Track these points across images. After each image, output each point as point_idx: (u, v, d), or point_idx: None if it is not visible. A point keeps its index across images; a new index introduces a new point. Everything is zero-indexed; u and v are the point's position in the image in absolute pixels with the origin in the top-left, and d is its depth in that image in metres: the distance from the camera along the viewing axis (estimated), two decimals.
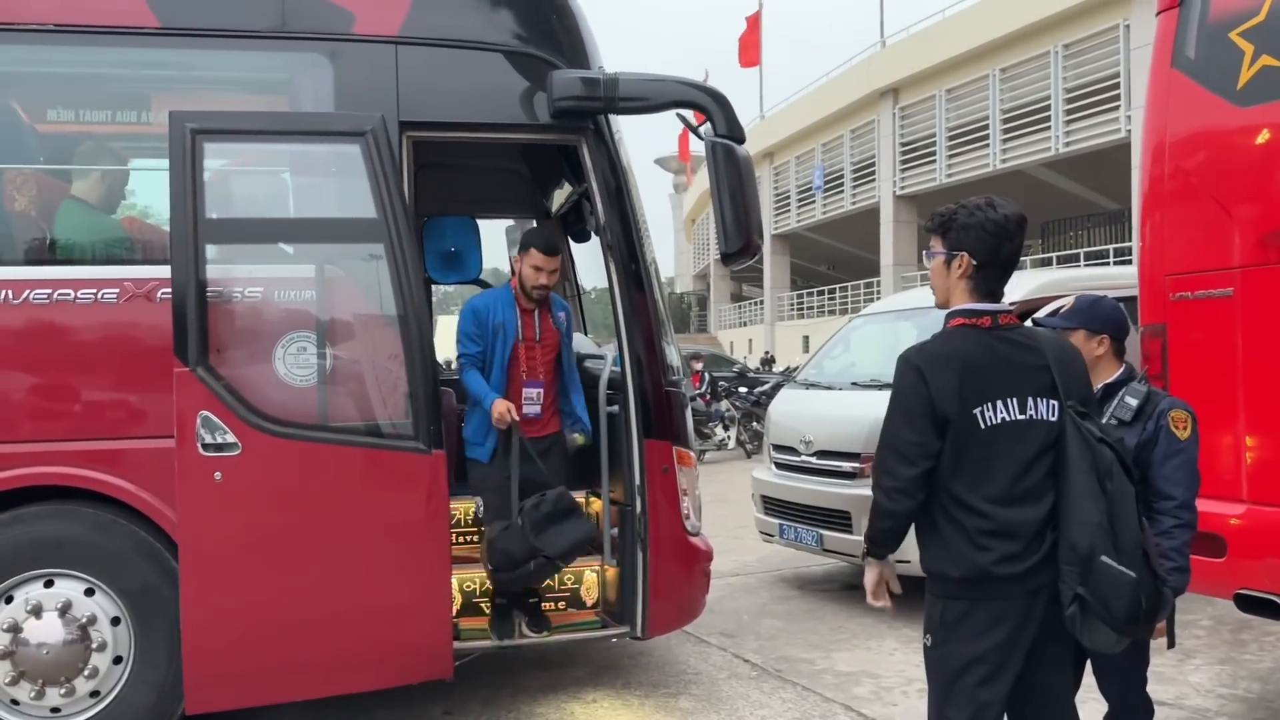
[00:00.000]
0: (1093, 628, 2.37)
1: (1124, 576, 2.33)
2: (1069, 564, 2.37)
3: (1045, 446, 2.44)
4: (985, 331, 2.47)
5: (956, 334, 2.49)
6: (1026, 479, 2.42)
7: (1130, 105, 20.29)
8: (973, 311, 2.49)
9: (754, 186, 4.22)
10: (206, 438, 3.69)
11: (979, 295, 2.50)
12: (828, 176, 33.82)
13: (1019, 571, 2.40)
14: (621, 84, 4.21)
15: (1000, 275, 2.51)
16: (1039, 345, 2.50)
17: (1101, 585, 2.33)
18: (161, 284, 3.80)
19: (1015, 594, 2.41)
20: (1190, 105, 4.05)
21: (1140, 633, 2.46)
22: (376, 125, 3.85)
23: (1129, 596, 2.33)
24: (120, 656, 3.88)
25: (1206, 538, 3.91)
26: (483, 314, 4.51)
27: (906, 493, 2.44)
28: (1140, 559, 2.37)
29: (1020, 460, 2.42)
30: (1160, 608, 2.43)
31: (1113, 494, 2.38)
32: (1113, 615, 2.34)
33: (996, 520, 2.40)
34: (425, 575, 3.94)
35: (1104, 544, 2.34)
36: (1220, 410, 3.91)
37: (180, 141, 3.71)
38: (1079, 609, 2.36)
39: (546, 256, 4.49)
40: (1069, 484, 2.40)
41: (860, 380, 6.80)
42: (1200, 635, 5.47)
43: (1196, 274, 3.99)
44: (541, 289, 4.53)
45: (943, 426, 2.41)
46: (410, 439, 3.90)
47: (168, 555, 3.83)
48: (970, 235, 2.47)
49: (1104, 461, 2.40)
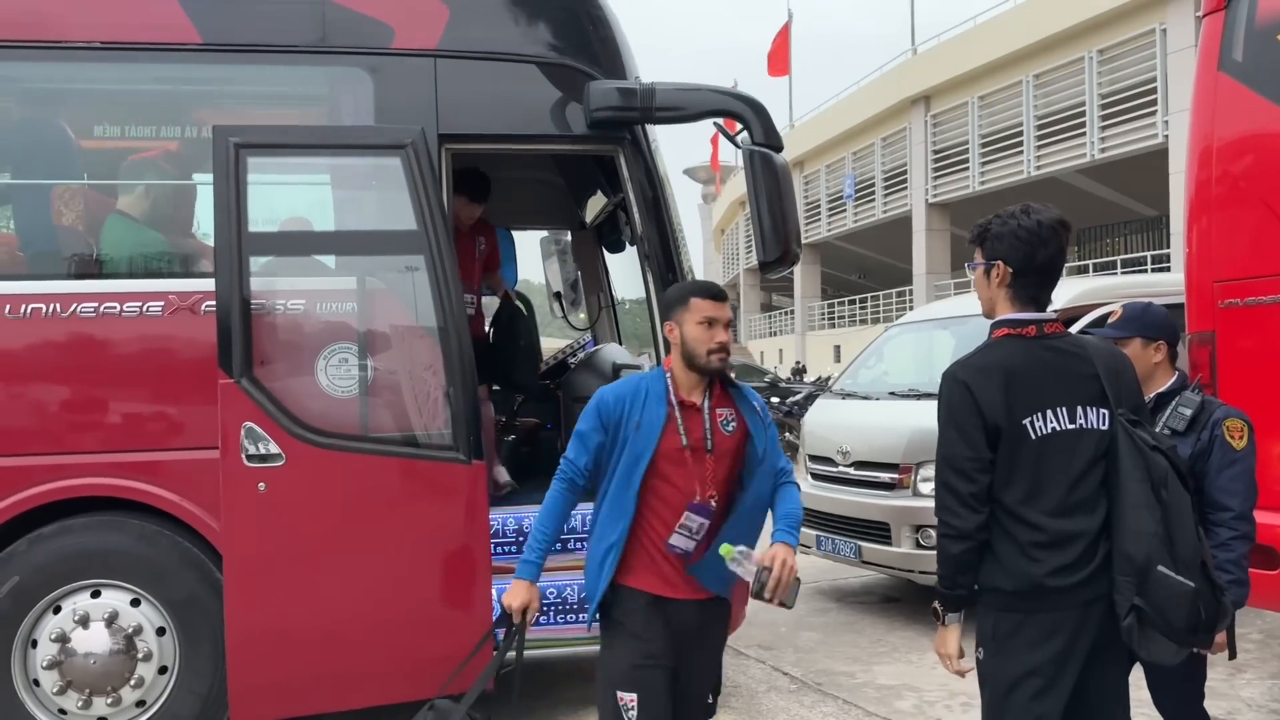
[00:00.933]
0: (1150, 639, 2.33)
1: (1182, 587, 2.29)
2: (1124, 575, 2.33)
3: (1097, 456, 2.40)
4: (1031, 340, 2.44)
5: (1001, 344, 2.47)
6: (1079, 489, 2.39)
7: (1167, 110, 20.05)
8: (1017, 321, 2.47)
9: (792, 194, 4.20)
10: (250, 449, 3.72)
11: (1021, 303, 2.48)
12: (859, 185, 33.67)
13: (1072, 583, 2.36)
14: (659, 94, 4.21)
15: (1041, 281, 2.47)
16: (1087, 353, 2.47)
17: (1159, 596, 2.29)
18: (205, 297, 3.84)
19: (1069, 606, 2.37)
20: (1238, 109, 3.99)
21: (1200, 643, 2.40)
22: (417, 138, 3.88)
23: (1188, 607, 2.29)
24: (165, 667, 3.91)
25: (1260, 549, 3.82)
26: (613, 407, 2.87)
27: (971, 508, 2.38)
28: (1199, 569, 2.33)
29: (1072, 470, 2.38)
30: (1220, 618, 2.38)
31: (1168, 502, 2.35)
32: (1171, 626, 2.30)
33: (1049, 531, 2.36)
34: (465, 585, 3.94)
35: (1161, 554, 2.31)
36: (1272, 419, 3.84)
37: (224, 155, 3.76)
38: (1136, 620, 2.32)
39: (716, 302, 2.87)
40: (1122, 493, 2.36)
41: (898, 390, 6.74)
42: (1251, 649, 5.36)
43: (1246, 280, 3.93)
44: (720, 350, 2.85)
45: (994, 438, 2.38)
46: (450, 449, 3.91)
47: (212, 566, 3.87)
48: (1004, 243, 2.46)
49: (1158, 470, 2.36)
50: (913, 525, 5.73)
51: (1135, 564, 2.31)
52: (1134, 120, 21.63)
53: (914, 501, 5.79)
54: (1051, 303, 2.53)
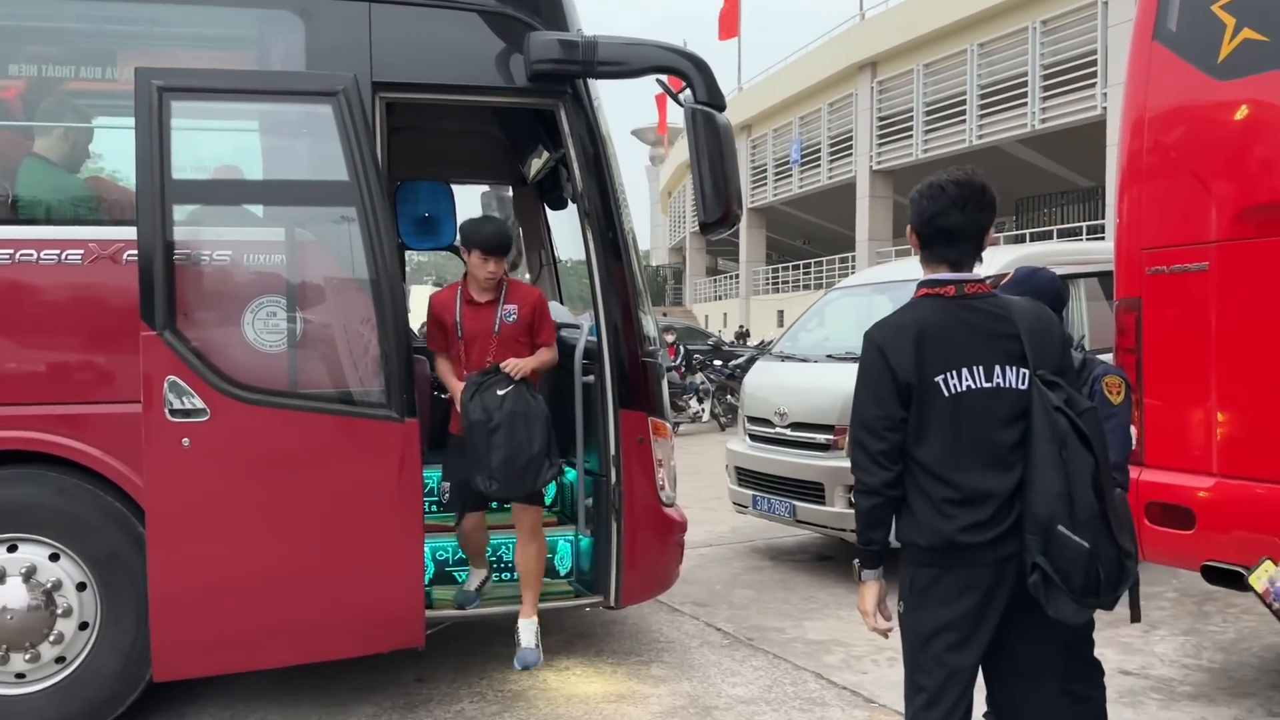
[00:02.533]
0: (1055, 597, 2.37)
1: (1079, 547, 2.33)
2: (1032, 534, 2.37)
3: (1014, 415, 2.42)
4: (950, 300, 2.46)
5: (920, 304, 2.50)
6: (993, 448, 2.41)
7: (1106, 83, 20.33)
8: (935, 282, 2.50)
9: (734, 155, 4.18)
10: (174, 403, 3.63)
11: (934, 265, 2.52)
12: (805, 150, 33.72)
13: (985, 540, 2.39)
14: (600, 47, 4.14)
15: (946, 241, 2.48)
16: (1010, 314, 2.48)
17: (1059, 556, 2.33)
18: (127, 246, 3.72)
19: (983, 562, 2.41)
20: (1171, 79, 4.04)
21: (1101, 605, 2.43)
22: (349, 85, 3.77)
23: (1085, 568, 2.33)
24: (86, 623, 3.83)
25: (1175, 510, 3.96)
26: None
27: (881, 465, 2.42)
28: (1099, 530, 2.36)
29: (986, 429, 2.41)
30: (1121, 581, 2.41)
31: (1067, 463, 2.38)
32: (1070, 586, 2.34)
33: (960, 489, 2.40)
34: (397, 544, 3.90)
35: (1062, 514, 2.35)
36: (1192, 384, 3.94)
37: (146, 98, 3.62)
38: (1040, 578, 2.36)
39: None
40: (1034, 454, 2.39)
41: (835, 353, 6.80)
42: (1166, 607, 5.54)
43: (1173, 248, 4.00)
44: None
45: (907, 397, 2.41)
46: (382, 406, 3.85)
47: (135, 521, 3.78)
48: (913, 209, 2.52)
49: (1059, 431, 2.39)
50: (845, 485, 5.80)
51: (1040, 523, 2.35)
52: (1074, 91, 21.91)
53: (847, 462, 5.83)
54: (980, 264, 2.54)
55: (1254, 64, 3.74)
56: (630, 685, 4.44)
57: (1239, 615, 5.36)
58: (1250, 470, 3.77)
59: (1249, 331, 3.77)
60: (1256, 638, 5.01)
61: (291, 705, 4.19)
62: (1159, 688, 4.36)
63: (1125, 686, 4.34)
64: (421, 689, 4.38)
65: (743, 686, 4.43)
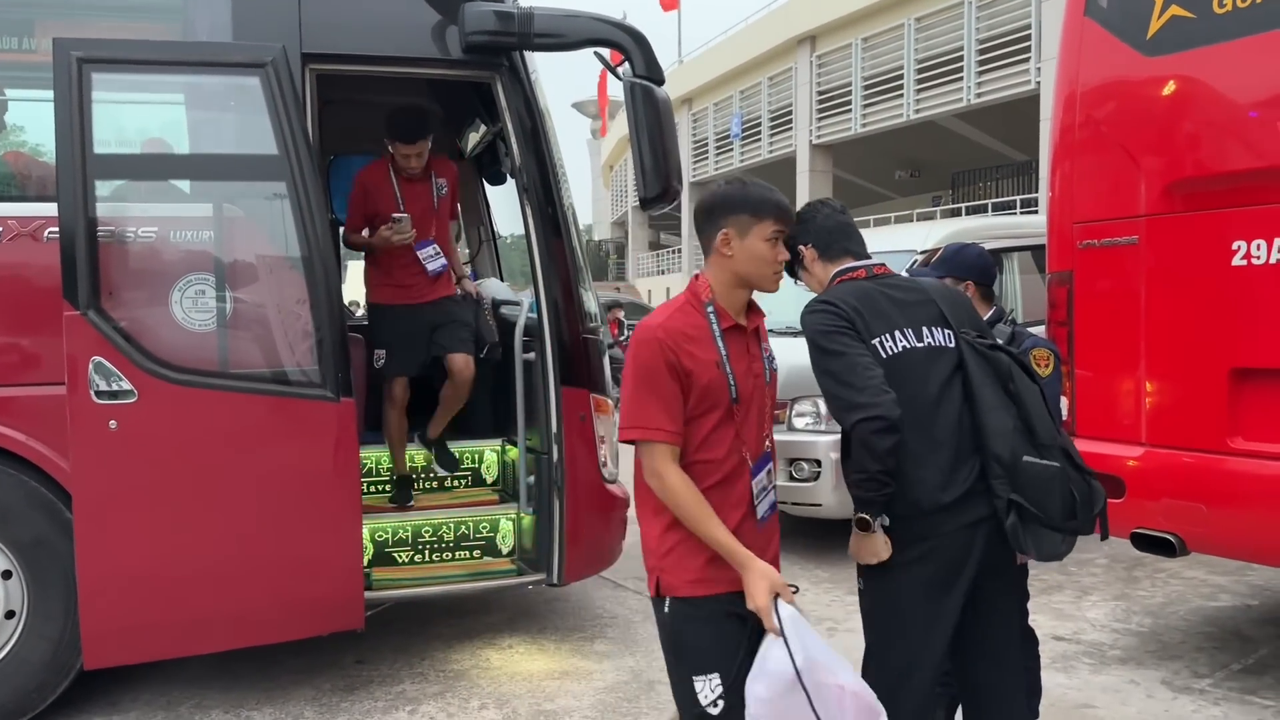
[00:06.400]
0: (1035, 534, 2.37)
1: (1049, 470, 2.35)
2: (997, 477, 2.38)
3: (949, 373, 2.46)
4: (864, 281, 2.54)
5: (839, 288, 2.55)
6: (934, 404, 2.42)
7: (1040, 57, 20.60)
8: (848, 269, 2.58)
9: (673, 129, 4.14)
10: (100, 385, 3.52)
11: (840, 259, 2.60)
12: (746, 124, 33.75)
13: (947, 501, 2.37)
14: (537, 19, 4.08)
15: (846, 237, 2.61)
16: (922, 287, 2.61)
17: (1031, 485, 2.35)
18: (49, 223, 3.59)
19: (950, 529, 2.39)
20: (1101, 54, 4.10)
21: (1080, 528, 2.42)
22: (277, 56, 3.67)
23: (1059, 487, 2.35)
24: (12, 611, 3.73)
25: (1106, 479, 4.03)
26: None
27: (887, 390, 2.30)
28: (1060, 452, 2.41)
29: (925, 385, 2.43)
30: (1094, 499, 2.43)
31: (1018, 394, 2.44)
32: (1049, 514, 2.34)
33: (913, 450, 2.36)
34: (334, 525, 3.85)
35: (1023, 445, 2.39)
36: (1122, 356, 4.03)
37: (65, 70, 3.49)
38: (1018, 518, 2.36)
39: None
40: (978, 402, 2.43)
41: (776, 328, 6.79)
42: (1097, 573, 5.69)
43: (1104, 222, 4.07)
44: None
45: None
46: (316, 386, 3.78)
47: (62, 507, 3.67)
48: (804, 229, 2.60)
49: (1002, 366, 2.47)
50: (787, 459, 5.84)
51: (1004, 462, 2.37)
52: (1009, 66, 22.18)
53: (789, 436, 5.90)
54: (869, 256, 2.63)
55: (1181, 40, 3.80)
56: (574, 662, 4.45)
57: (1167, 580, 5.53)
58: (1178, 439, 3.86)
59: (1177, 304, 3.85)
60: (1183, 602, 5.17)
61: (230, 690, 4.13)
62: (1090, 652, 4.48)
63: (1058, 652, 4.45)
64: (362, 670, 4.34)
65: None
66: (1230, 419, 3.69)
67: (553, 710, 3.90)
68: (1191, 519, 3.81)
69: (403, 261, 4.72)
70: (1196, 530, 3.81)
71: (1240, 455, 3.66)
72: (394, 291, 4.77)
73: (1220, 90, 3.72)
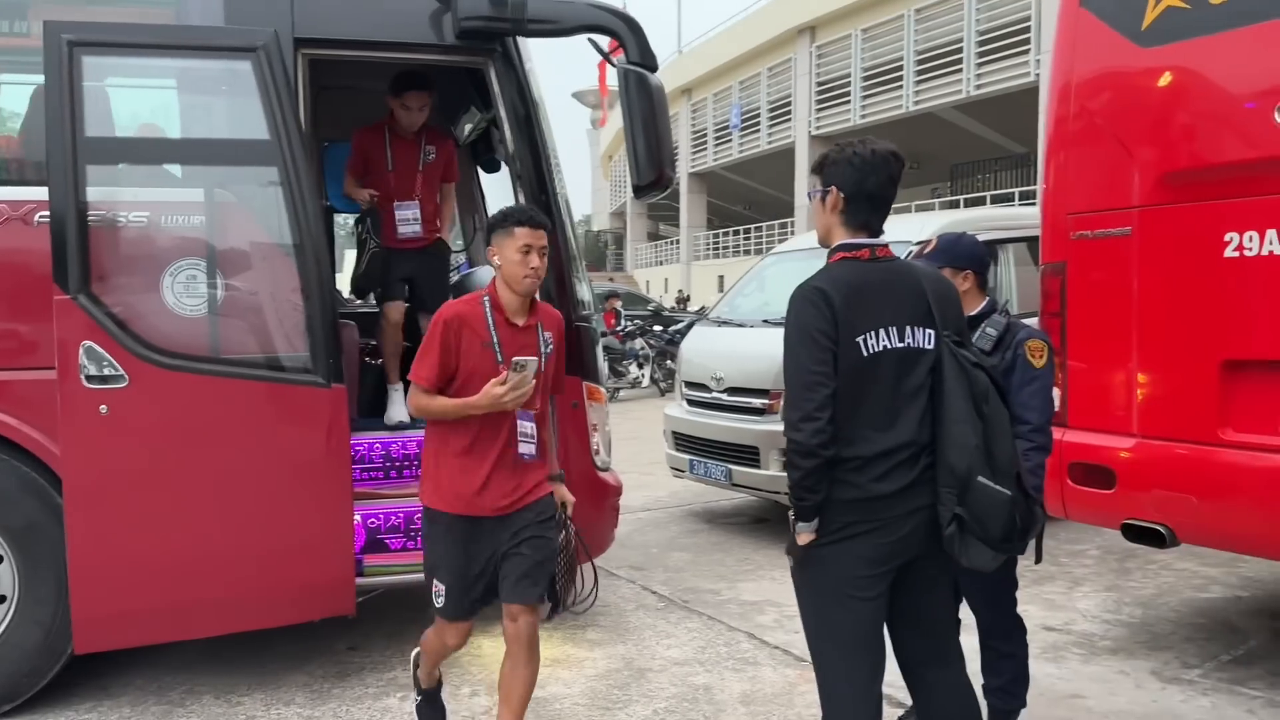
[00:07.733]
0: (970, 546, 2.44)
1: (1000, 495, 2.40)
2: (947, 486, 2.43)
3: (923, 377, 2.47)
4: (865, 263, 2.51)
5: (836, 267, 2.53)
6: (902, 404, 2.45)
7: (1040, 49, 20.57)
8: (851, 245, 2.53)
9: (666, 117, 4.13)
10: (90, 369, 3.52)
11: (853, 229, 2.55)
12: (745, 115, 33.69)
13: (892, 491, 2.43)
14: (531, 4, 4.06)
15: (871, 207, 2.54)
16: (916, 277, 2.57)
17: (979, 505, 2.40)
18: (40, 207, 3.58)
19: (889, 515, 2.43)
20: (1097, 45, 4.08)
21: (1015, 550, 2.53)
22: (269, 41, 3.66)
23: (1005, 515, 2.41)
24: (4, 596, 3.73)
25: (1097, 470, 4.05)
26: None
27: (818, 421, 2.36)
28: (1014, 479, 2.45)
29: (897, 387, 2.45)
30: (1032, 525, 2.52)
31: (989, 416, 2.45)
32: (989, 533, 2.41)
33: (871, 445, 2.42)
34: (326, 511, 3.85)
35: (981, 465, 2.41)
36: (1115, 347, 4.02)
37: (56, 53, 3.48)
38: (957, 529, 2.42)
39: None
40: (946, 409, 2.45)
41: (771, 318, 6.82)
42: (1089, 564, 5.70)
43: (1097, 213, 4.06)
44: None
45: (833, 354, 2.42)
46: (307, 372, 3.78)
47: (53, 492, 3.67)
48: (838, 170, 2.53)
49: (980, 385, 2.47)
50: (780, 449, 5.84)
51: (957, 475, 2.41)
52: (1009, 58, 22.15)
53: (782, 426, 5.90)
54: (884, 231, 2.59)
55: (1176, 31, 3.79)
56: (565, 649, 4.45)
57: (1158, 571, 5.54)
58: (1169, 431, 3.87)
59: (1169, 295, 3.85)
60: (1174, 593, 5.18)
61: (221, 676, 4.13)
62: (1081, 642, 4.49)
63: (1049, 642, 4.46)
64: (354, 657, 4.35)
65: (677, 648, 4.47)
66: (1221, 410, 3.69)
67: (543, 698, 3.90)
68: (1182, 510, 3.82)
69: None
70: (1187, 521, 3.82)
71: (1231, 447, 3.66)
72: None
73: (1215, 81, 3.71)
